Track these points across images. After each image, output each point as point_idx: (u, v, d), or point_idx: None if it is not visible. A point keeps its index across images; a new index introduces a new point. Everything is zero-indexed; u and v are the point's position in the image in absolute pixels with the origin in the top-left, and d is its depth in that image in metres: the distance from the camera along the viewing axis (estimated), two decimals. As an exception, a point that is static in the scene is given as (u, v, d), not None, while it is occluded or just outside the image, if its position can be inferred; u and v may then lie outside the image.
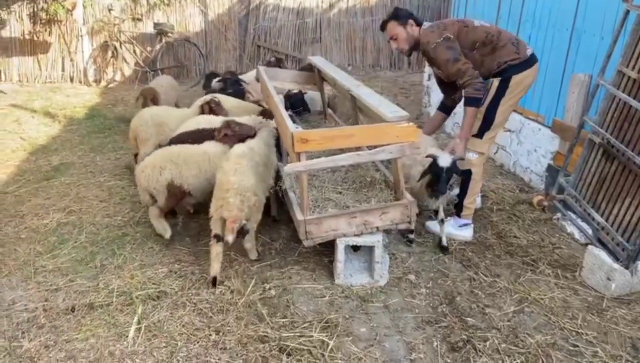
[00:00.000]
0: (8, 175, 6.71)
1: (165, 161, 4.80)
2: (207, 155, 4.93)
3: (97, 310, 4.11)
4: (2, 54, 11.49)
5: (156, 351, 3.70)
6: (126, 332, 3.86)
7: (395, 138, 3.98)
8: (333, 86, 6.09)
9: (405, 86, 11.71)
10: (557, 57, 5.97)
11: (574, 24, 5.70)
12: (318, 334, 3.77)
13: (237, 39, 12.66)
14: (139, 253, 4.88)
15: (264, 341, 3.76)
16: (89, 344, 3.76)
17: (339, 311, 4.07)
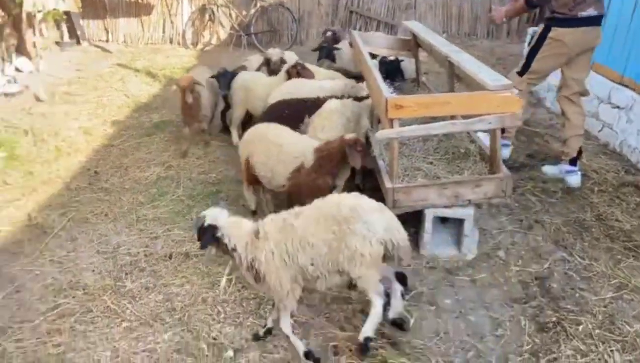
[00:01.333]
0: (114, 130, 7.19)
1: (253, 134, 4.65)
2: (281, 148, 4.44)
3: (192, 259, 4.37)
4: (110, 15, 12.19)
5: (245, 302, 3.88)
6: (218, 281, 4.08)
7: (495, 108, 3.80)
8: (429, 52, 5.91)
9: (503, 56, 11.11)
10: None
11: None
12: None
13: (330, 4, 12.56)
14: (231, 210, 5.08)
15: (347, 302, 3.83)
16: (184, 289, 4.02)
17: (423, 282, 4.05)
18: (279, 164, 4.36)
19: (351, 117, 4.79)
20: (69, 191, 5.56)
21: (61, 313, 3.80)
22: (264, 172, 4.48)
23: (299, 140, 4.49)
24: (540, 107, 7.77)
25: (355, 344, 3.29)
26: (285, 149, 4.37)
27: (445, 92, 4.87)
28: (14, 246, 4.63)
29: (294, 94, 5.46)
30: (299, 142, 4.45)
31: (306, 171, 4.24)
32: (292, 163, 4.31)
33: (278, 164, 4.37)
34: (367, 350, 3.21)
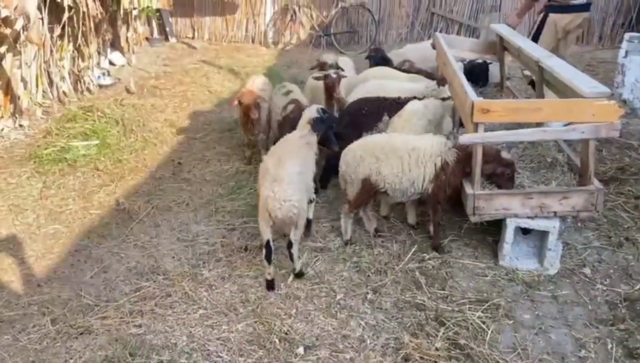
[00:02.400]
0: (197, 123, 7.47)
1: (366, 151, 4.33)
2: (417, 152, 4.25)
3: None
4: (197, 14, 12.67)
5: (316, 298, 3.91)
6: (289, 276, 4.13)
7: (590, 117, 3.59)
8: (517, 57, 5.69)
9: (593, 63, 10.48)
10: None
11: None
12: (478, 312, 3.65)
13: (411, 5, 12.39)
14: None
15: (420, 309, 3.76)
16: (257, 282, 4.10)
17: (501, 293, 3.90)
18: (417, 169, 4.19)
19: (432, 119, 4.72)
20: (154, 179, 5.84)
21: (143, 295, 3.98)
22: (398, 184, 4.23)
23: (426, 140, 4.34)
24: (635, 117, 7.26)
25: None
26: (421, 152, 4.20)
27: (535, 99, 4.67)
28: (103, 229, 4.91)
29: (375, 94, 5.43)
30: (429, 141, 4.30)
31: (451, 170, 4.14)
32: (432, 164, 4.18)
33: (416, 170, 4.20)
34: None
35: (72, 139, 6.29)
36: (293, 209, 3.78)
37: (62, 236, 4.80)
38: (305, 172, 4.14)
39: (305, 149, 4.34)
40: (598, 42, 12.07)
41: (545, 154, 4.53)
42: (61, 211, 5.17)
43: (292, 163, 3.99)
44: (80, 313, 3.80)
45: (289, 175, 3.86)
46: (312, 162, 4.41)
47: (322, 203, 5.18)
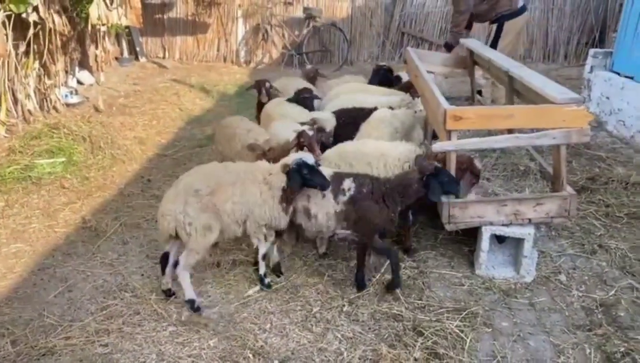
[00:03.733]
0: (167, 140, 7.34)
1: (341, 158, 4.40)
2: (385, 158, 4.25)
3: (239, 267, 4.33)
4: (167, 33, 12.61)
5: (292, 312, 3.79)
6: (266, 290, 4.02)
7: (561, 122, 3.62)
8: (487, 69, 5.78)
9: (560, 80, 10.67)
10: None
11: None
12: (456, 321, 3.59)
13: (382, 25, 12.59)
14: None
15: (398, 319, 3.68)
16: (229, 297, 3.98)
17: (478, 302, 3.85)
18: (385, 174, 4.14)
19: (399, 127, 4.73)
20: (122, 196, 5.67)
21: (109, 314, 3.81)
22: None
23: (395, 146, 4.35)
24: (602, 130, 7.43)
25: None
26: (390, 158, 4.20)
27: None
28: (68, 247, 4.72)
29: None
30: (397, 148, 4.30)
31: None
32: (400, 170, 4.15)
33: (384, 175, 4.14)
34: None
35: (36, 156, 6.09)
36: (170, 224, 3.69)
37: (25, 255, 4.59)
38: (240, 204, 3.79)
39: (257, 186, 3.84)
40: (564, 60, 12.43)
41: (518, 163, 4.55)
42: (24, 230, 4.96)
43: (190, 181, 3.82)
44: (42, 334, 3.60)
45: (177, 191, 3.78)
46: (266, 204, 3.83)
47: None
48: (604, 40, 11.59)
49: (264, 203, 3.79)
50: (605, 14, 11.83)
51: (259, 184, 3.81)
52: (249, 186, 3.79)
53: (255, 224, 3.84)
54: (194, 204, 3.66)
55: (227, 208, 3.73)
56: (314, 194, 3.87)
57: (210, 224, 3.70)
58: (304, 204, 3.90)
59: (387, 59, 12.55)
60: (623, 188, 5.39)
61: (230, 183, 3.77)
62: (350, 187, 3.84)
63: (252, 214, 3.81)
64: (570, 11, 12.03)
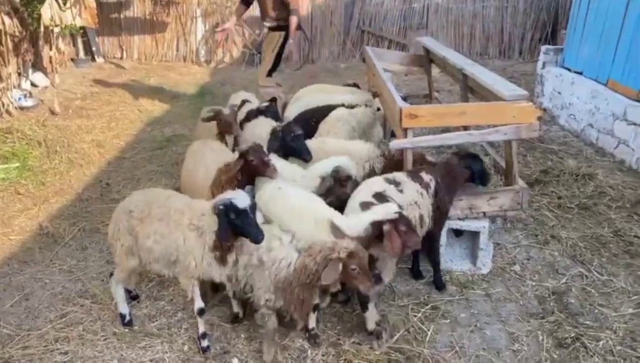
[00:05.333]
0: (126, 143, 7.22)
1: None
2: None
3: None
4: (125, 33, 12.36)
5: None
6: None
7: (511, 118, 3.76)
8: (442, 66, 5.91)
9: (515, 75, 11.06)
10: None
11: None
12: (418, 314, 3.70)
13: (342, 24, 12.66)
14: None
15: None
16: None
17: (438, 295, 3.96)
18: None
19: (357, 126, 4.80)
20: (80, 201, 5.56)
21: (69, 321, 3.75)
22: None
23: (356, 145, 4.41)
24: (554, 124, 7.70)
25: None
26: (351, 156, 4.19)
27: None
28: (25, 255, 4.61)
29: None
30: (359, 146, 4.36)
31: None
32: (361, 168, 4.19)
33: None
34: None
35: (-12, 162, 5.91)
36: (109, 233, 3.60)
37: (-22, 265, 4.46)
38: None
39: (181, 231, 3.30)
40: (519, 56, 12.77)
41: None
42: (-24, 239, 4.82)
43: (130, 200, 3.55)
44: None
45: (121, 204, 3.59)
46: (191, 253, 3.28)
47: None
48: (557, 37, 11.97)
49: (188, 252, 3.23)
50: (557, 10, 12.22)
51: (183, 228, 3.25)
52: (173, 230, 3.28)
53: (183, 272, 3.34)
54: (124, 223, 3.41)
55: (147, 244, 3.33)
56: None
57: (132, 249, 3.42)
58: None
59: (347, 58, 12.66)
60: (574, 179, 5.61)
61: (158, 218, 3.33)
62: (431, 179, 3.74)
63: (178, 262, 3.32)
64: (523, 8, 12.36)
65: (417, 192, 3.59)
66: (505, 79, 4.18)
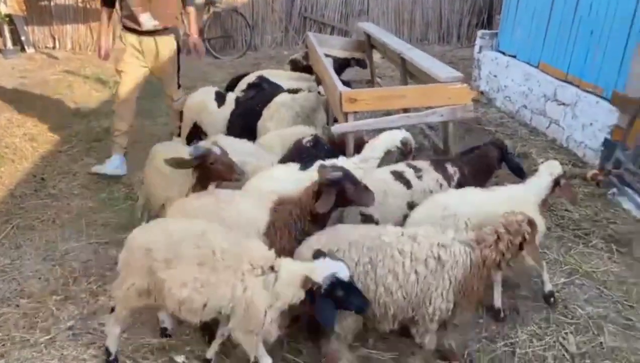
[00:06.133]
0: (62, 136, 6.92)
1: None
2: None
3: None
4: (56, 21, 11.79)
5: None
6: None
7: (447, 100, 3.87)
8: (383, 52, 5.99)
9: (454, 60, 11.36)
10: (620, 26, 5.65)
11: (641, -10, 5.38)
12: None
13: (284, 11, 12.58)
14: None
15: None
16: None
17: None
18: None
19: (300, 111, 4.82)
20: (13, 198, 5.30)
21: (3, 322, 3.58)
22: None
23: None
24: (492, 106, 7.98)
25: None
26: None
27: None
28: (-47, 256, 4.36)
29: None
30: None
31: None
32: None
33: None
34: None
35: None
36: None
37: None
38: None
39: (239, 279, 2.80)
40: (457, 41, 13.12)
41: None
42: None
43: (148, 238, 2.95)
44: None
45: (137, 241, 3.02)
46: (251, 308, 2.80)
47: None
48: (492, 22, 12.36)
49: (249, 306, 2.69)
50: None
51: (243, 275, 2.72)
52: (225, 276, 2.72)
53: (241, 327, 2.78)
54: (138, 261, 2.83)
55: (181, 294, 2.74)
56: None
57: (149, 292, 2.88)
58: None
59: (291, 44, 12.61)
60: (509, 159, 5.83)
61: (197, 262, 2.75)
62: (456, 171, 3.70)
63: (234, 314, 2.77)
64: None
65: (437, 182, 3.55)
66: (440, 62, 4.29)
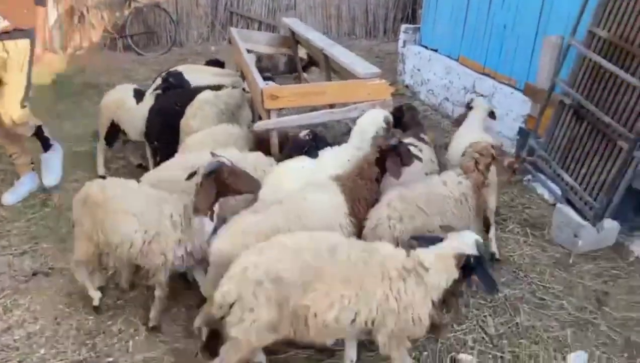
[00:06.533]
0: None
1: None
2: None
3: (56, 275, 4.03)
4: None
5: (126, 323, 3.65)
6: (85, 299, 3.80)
7: (367, 96, 3.93)
8: (307, 48, 6.00)
9: (381, 54, 11.60)
10: (530, 21, 5.96)
11: (547, -14, 5.70)
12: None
13: (209, 5, 12.32)
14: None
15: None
16: (50, 310, 3.67)
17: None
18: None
19: (224, 109, 4.72)
20: None
21: None
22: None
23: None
24: (416, 100, 8.20)
25: None
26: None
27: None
28: None
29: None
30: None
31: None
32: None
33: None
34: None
35: None
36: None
37: None
38: None
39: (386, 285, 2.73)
40: (383, 35, 13.36)
41: (337, 135, 4.85)
42: None
43: (273, 263, 2.67)
44: None
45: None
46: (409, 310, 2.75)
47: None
48: (416, 16, 12.70)
49: (405, 309, 2.65)
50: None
51: (390, 281, 2.66)
52: (372, 287, 2.63)
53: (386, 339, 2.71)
54: (254, 296, 2.55)
55: (329, 317, 2.58)
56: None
57: (274, 325, 2.62)
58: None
59: (217, 40, 12.39)
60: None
61: (342, 278, 2.61)
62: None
63: (383, 324, 2.68)
64: (385, -12, 12.95)
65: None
66: (361, 59, 4.35)
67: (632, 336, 3.45)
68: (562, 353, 3.29)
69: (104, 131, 5.49)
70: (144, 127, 5.10)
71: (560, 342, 3.40)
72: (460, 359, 3.24)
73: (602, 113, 4.52)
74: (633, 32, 4.38)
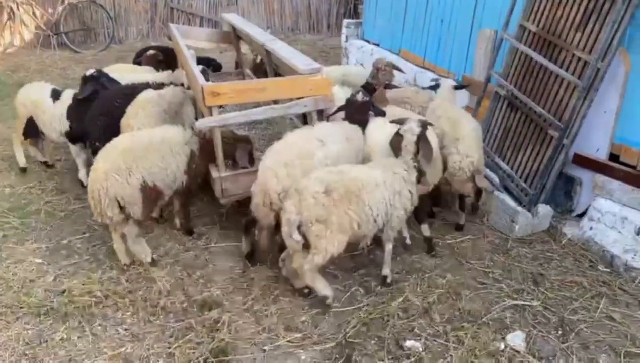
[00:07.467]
0: None
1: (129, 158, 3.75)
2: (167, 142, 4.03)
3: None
4: None
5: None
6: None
7: (308, 91, 3.95)
8: (249, 43, 5.96)
9: (325, 49, 11.67)
10: (465, 15, 6.15)
11: (480, -19, 5.90)
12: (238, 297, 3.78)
13: (149, 1, 12.02)
14: (50, 222, 4.63)
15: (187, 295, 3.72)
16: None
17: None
18: (172, 159, 4.07)
19: (168, 108, 4.62)
20: None
21: None
22: (165, 178, 4.04)
23: (171, 130, 4.24)
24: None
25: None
26: (172, 142, 4.07)
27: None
28: None
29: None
30: (174, 131, 4.19)
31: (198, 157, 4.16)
32: (183, 153, 4.11)
33: (172, 161, 4.07)
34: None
35: None
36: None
37: None
38: None
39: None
40: (327, 30, 13.44)
41: (282, 132, 4.83)
42: None
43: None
44: None
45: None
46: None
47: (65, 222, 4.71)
48: (358, 11, 12.84)
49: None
50: (357, -14, 13.08)
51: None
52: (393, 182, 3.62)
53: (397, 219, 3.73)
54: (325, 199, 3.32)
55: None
56: None
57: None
58: None
59: (158, 36, 12.11)
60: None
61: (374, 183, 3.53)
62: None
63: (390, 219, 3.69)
64: (327, -17, 13.01)
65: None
66: (302, 54, 4.36)
67: (565, 314, 3.65)
68: (501, 335, 3.43)
69: (21, 127, 5.29)
70: (61, 126, 5.02)
71: (501, 323, 3.55)
72: (407, 346, 3.33)
73: (534, 103, 4.73)
74: (560, 25, 4.60)
